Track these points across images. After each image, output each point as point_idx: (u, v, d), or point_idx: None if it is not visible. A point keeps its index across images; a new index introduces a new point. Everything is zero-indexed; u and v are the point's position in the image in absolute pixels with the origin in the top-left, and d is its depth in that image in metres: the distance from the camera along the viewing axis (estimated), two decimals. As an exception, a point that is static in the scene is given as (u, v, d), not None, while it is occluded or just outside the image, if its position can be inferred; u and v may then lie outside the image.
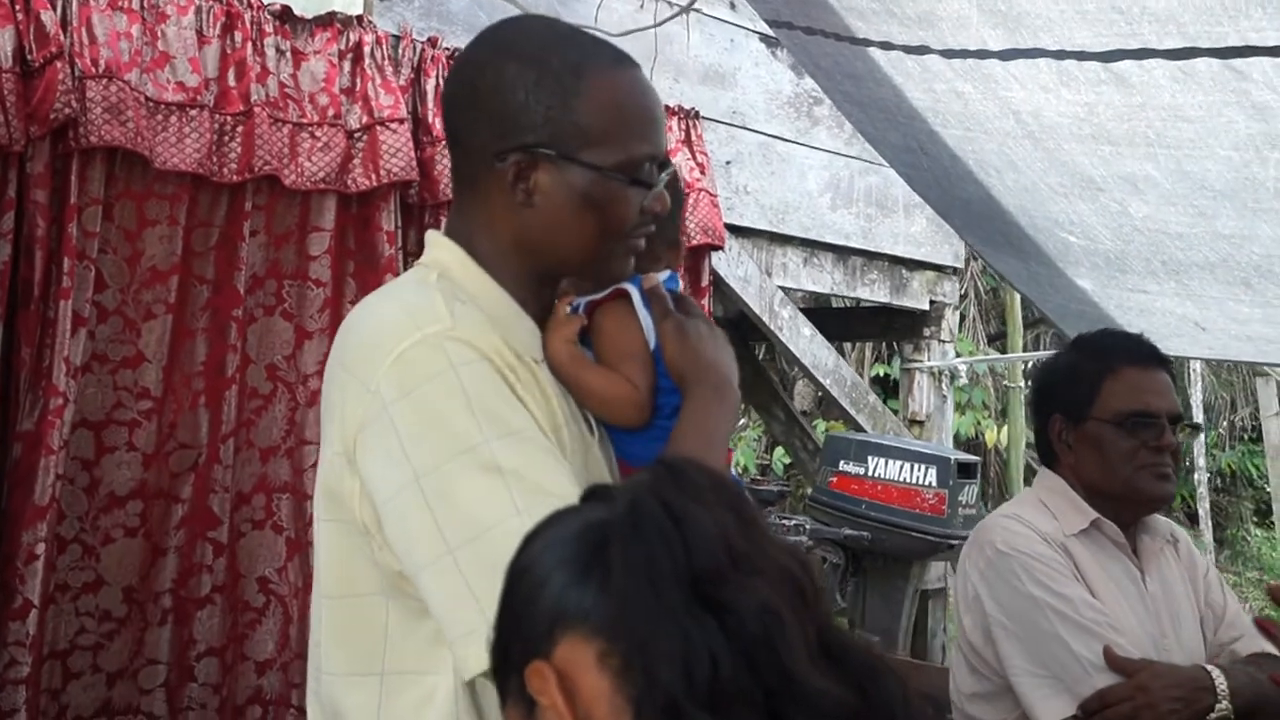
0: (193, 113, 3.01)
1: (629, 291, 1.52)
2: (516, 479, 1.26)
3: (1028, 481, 10.80)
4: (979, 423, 10.38)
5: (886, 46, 2.95)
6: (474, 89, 1.47)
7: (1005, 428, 9.39)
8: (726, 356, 1.51)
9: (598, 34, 1.54)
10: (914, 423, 5.44)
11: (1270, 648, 2.11)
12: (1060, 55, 2.60)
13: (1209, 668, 2.02)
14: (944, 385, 5.50)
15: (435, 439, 1.29)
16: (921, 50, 2.86)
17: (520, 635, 0.91)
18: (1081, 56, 2.56)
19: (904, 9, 2.75)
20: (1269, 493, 11.49)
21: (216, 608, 3.18)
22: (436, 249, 1.51)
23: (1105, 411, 2.22)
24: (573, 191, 1.43)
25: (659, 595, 0.81)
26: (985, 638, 2.17)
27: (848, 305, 8.04)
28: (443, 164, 3.40)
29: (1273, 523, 11.85)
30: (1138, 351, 2.30)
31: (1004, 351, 12.31)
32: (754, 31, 4.70)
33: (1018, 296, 6.90)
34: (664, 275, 1.57)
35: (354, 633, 1.40)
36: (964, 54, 2.78)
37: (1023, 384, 8.23)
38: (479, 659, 1.21)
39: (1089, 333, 2.47)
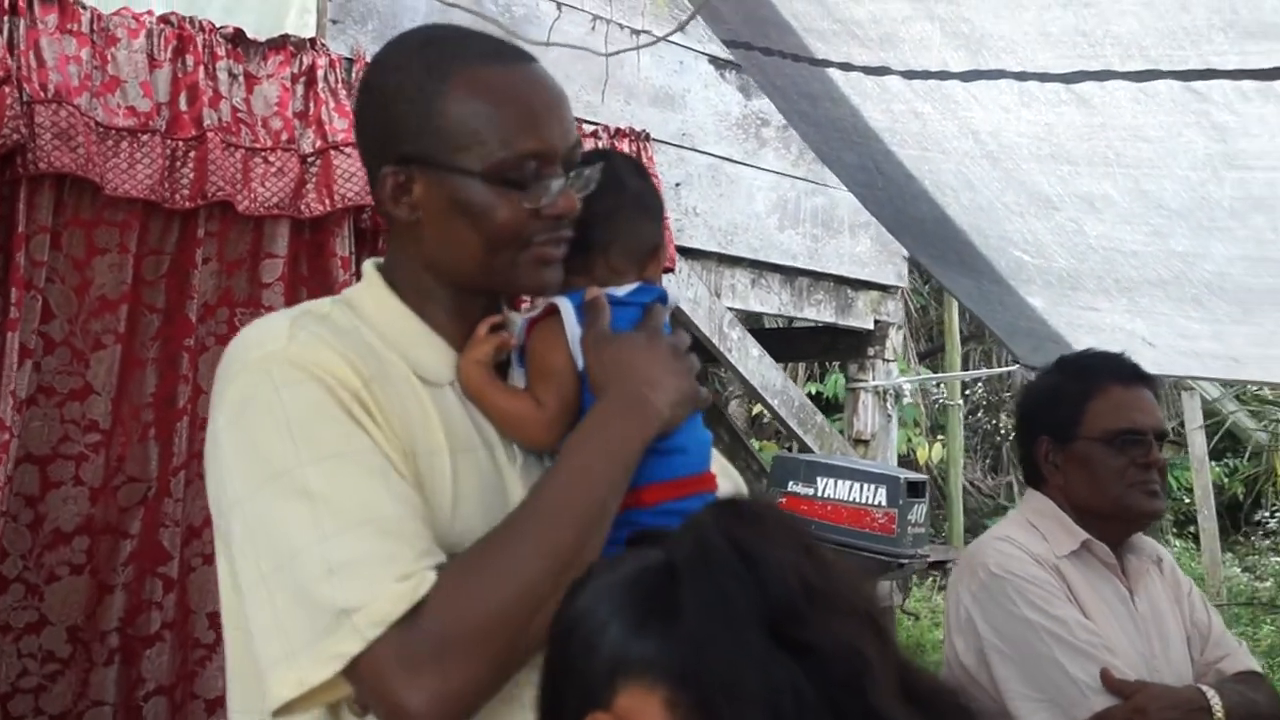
0: (144, 138, 2.94)
1: (558, 306, 1.43)
2: (326, 503, 1.21)
3: (967, 499, 10.94)
4: (910, 440, 10.47)
5: (846, 67, 2.97)
6: (359, 111, 1.45)
7: (939, 445, 9.49)
8: (656, 372, 1.39)
9: (493, 34, 1.45)
10: (859, 442, 5.46)
11: (1255, 665, 2.14)
12: (1022, 76, 2.62)
13: (1204, 688, 2.03)
14: (888, 404, 5.54)
15: (252, 463, 1.26)
16: (882, 71, 2.88)
17: (576, 687, 0.88)
18: (1044, 78, 2.59)
19: (866, 30, 2.76)
20: (1188, 504, 11.72)
21: (166, 645, 3.09)
22: (363, 275, 1.48)
23: (1093, 430, 2.24)
24: (448, 200, 1.36)
25: (738, 637, 0.78)
26: (979, 661, 2.16)
27: (781, 325, 8.07)
28: (397, 188, 3.35)
29: (1191, 533, 12.05)
30: (1122, 370, 2.33)
31: (935, 369, 12.45)
32: (703, 54, 4.71)
33: (955, 315, 6.96)
34: (628, 288, 1.47)
35: (244, 668, 1.35)
36: (925, 75, 2.80)
37: (960, 401, 8.31)
38: (279, 690, 1.18)
39: (1071, 354, 2.49)
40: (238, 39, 3.17)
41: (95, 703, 2.99)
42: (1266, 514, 14.18)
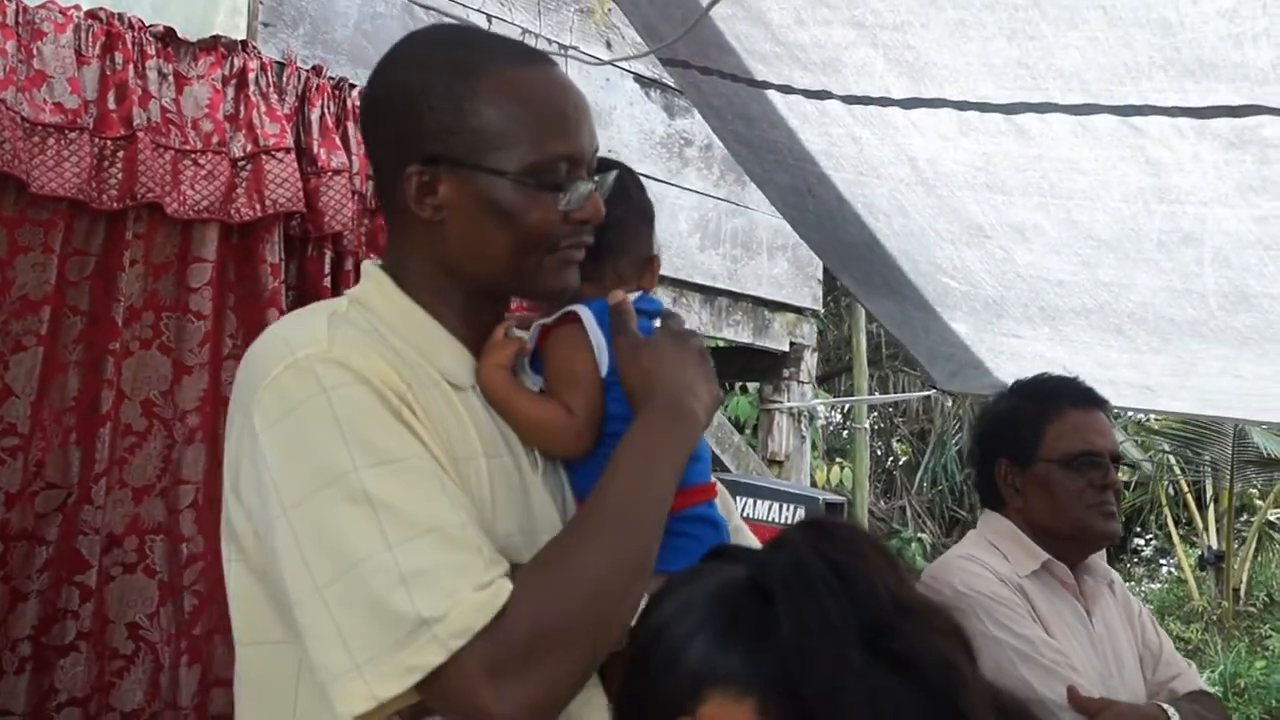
0: (72, 135, 2.85)
1: (578, 314, 1.44)
2: (387, 510, 1.19)
3: (871, 522, 11.06)
4: (810, 462, 10.58)
5: (787, 90, 2.99)
6: (375, 108, 1.42)
7: (837, 468, 9.59)
8: (690, 377, 1.41)
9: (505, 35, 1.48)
10: (773, 463, 5.50)
11: (1205, 685, 2.20)
12: (963, 106, 2.67)
13: (1165, 706, 2.08)
14: (803, 426, 5.59)
15: (303, 469, 1.22)
16: (822, 95, 2.91)
17: (660, 694, 0.92)
18: (984, 108, 2.64)
19: (809, 55, 2.79)
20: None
21: (81, 655, 2.99)
22: (365, 278, 1.45)
23: (1052, 453, 2.29)
24: (479, 201, 1.35)
25: (838, 649, 0.81)
26: (942, 679, 2.18)
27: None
28: (328, 196, 3.30)
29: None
30: (1078, 393, 2.38)
31: (831, 393, 12.61)
32: (629, 71, 4.72)
33: (863, 340, 7.06)
34: (634, 295, 1.49)
35: (265, 682, 1.32)
36: (865, 100, 2.84)
37: (867, 424, 8.42)
38: (347, 705, 1.16)
39: (1026, 378, 2.54)
40: (168, 38, 3.10)
41: (4, 712, 2.88)
42: (1142, 542, 14.62)
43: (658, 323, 1.51)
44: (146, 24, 3.06)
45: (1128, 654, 2.30)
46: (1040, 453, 2.31)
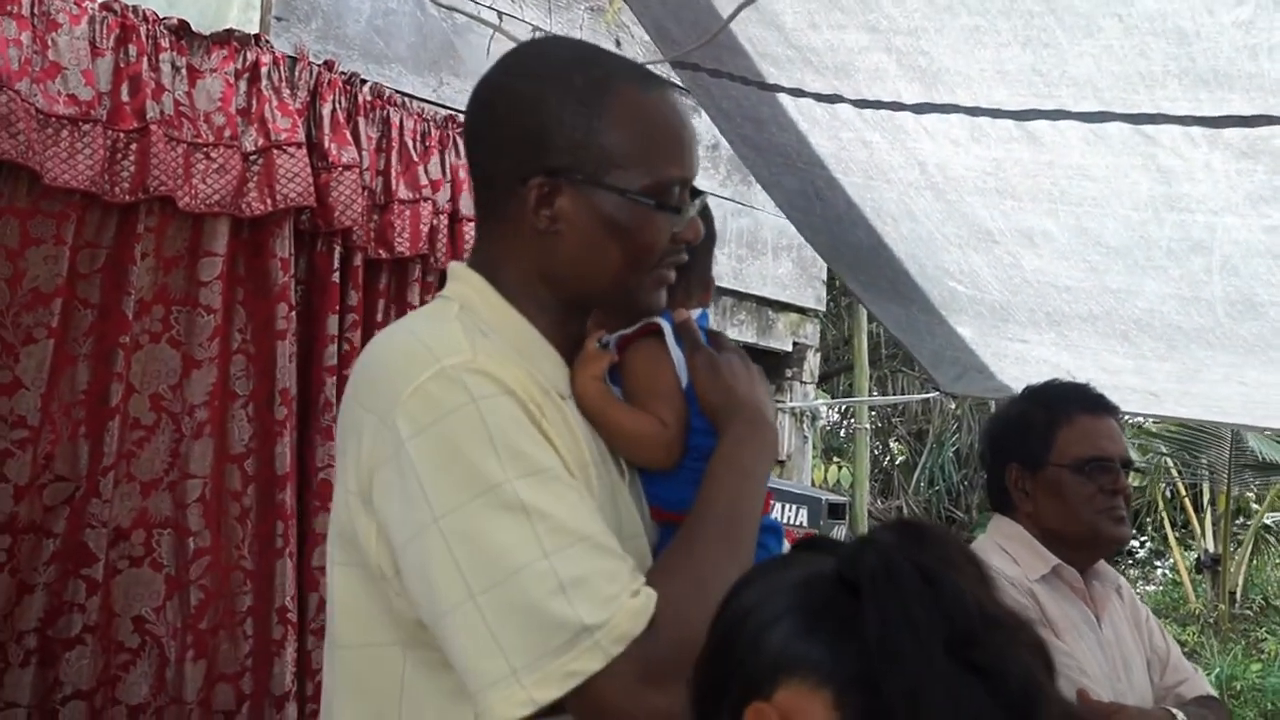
0: (85, 128, 2.86)
1: (661, 327, 1.47)
2: (543, 519, 1.21)
3: (869, 522, 11.07)
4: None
5: (798, 93, 2.99)
6: (493, 114, 1.43)
7: (835, 468, 9.61)
8: (761, 393, 1.47)
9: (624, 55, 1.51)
10: (776, 463, 5.51)
11: (1212, 690, 2.21)
12: (975, 112, 2.67)
13: (1173, 711, 2.09)
14: (805, 426, 5.60)
15: (455, 477, 1.23)
16: (834, 99, 2.91)
17: (739, 676, 0.92)
18: (996, 114, 2.64)
19: (821, 58, 2.79)
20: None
21: (87, 649, 2.99)
22: (458, 281, 1.46)
23: (1063, 458, 2.30)
24: (598, 216, 1.38)
25: (924, 651, 0.82)
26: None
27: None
28: (338, 191, 3.31)
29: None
30: (1089, 399, 2.39)
31: (830, 394, 12.61)
32: (636, 71, 4.72)
33: (864, 341, 7.08)
34: (695, 313, 1.53)
35: (368, 685, 1.33)
36: (877, 105, 2.84)
37: (868, 425, 8.43)
38: (504, 710, 1.17)
39: (1037, 384, 2.55)
40: (181, 31, 3.10)
41: (9, 704, 2.89)
42: (1137, 544, 14.63)
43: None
44: (160, 17, 3.06)
45: (1135, 658, 2.32)
46: (1051, 457, 2.32)
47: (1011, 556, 2.31)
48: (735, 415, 1.42)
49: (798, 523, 4.64)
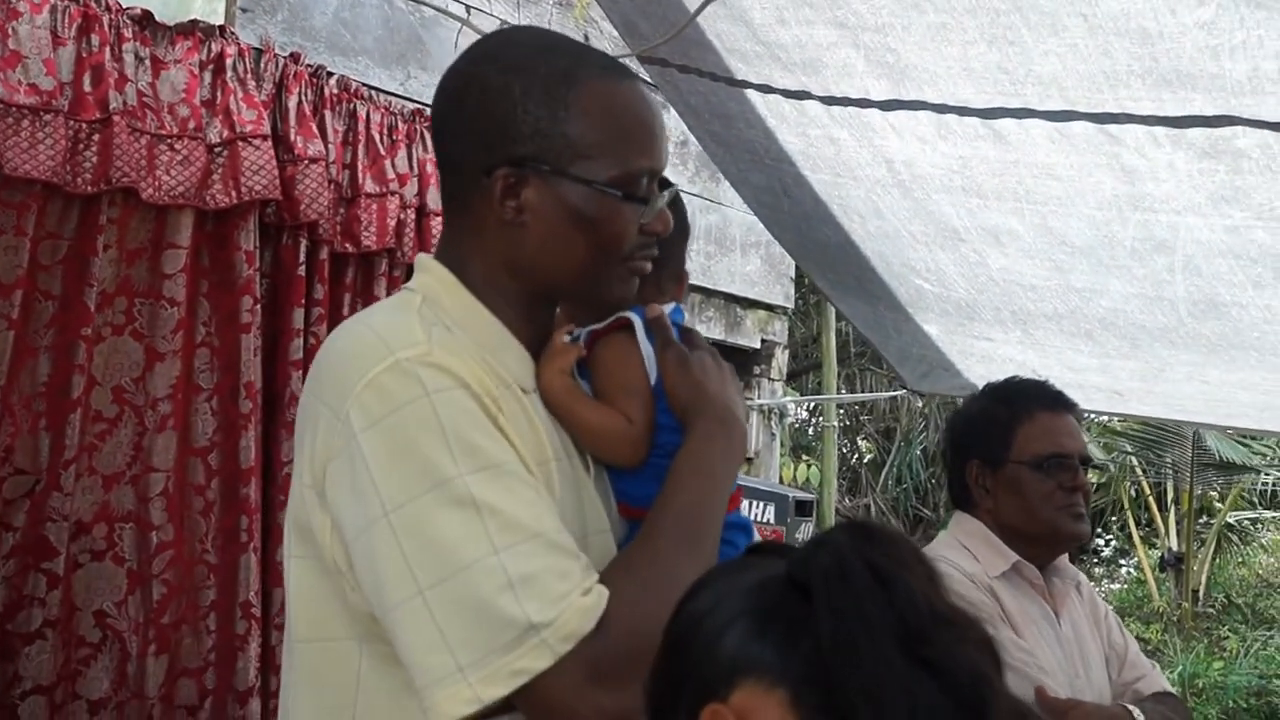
0: (46, 117, 2.82)
1: (632, 321, 1.45)
2: (494, 515, 1.20)
3: (836, 520, 11.11)
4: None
5: (765, 90, 2.99)
6: (459, 103, 1.41)
7: (804, 466, 9.63)
8: (732, 391, 1.46)
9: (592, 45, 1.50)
10: (744, 461, 5.52)
11: (1169, 686, 2.22)
12: (942, 109, 2.68)
13: (1130, 708, 2.11)
14: (773, 424, 5.61)
15: (406, 471, 1.22)
16: (802, 95, 2.91)
17: (694, 679, 0.94)
18: (963, 112, 2.65)
19: (790, 54, 2.79)
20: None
21: (47, 643, 2.96)
22: (424, 273, 1.44)
23: (1023, 455, 2.31)
24: (564, 207, 1.36)
25: (878, 649, 0.83)
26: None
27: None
28: (304, 184, 3.29)
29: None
30: (1048, 396, 2.40)
31: (799, 391, 12.64)
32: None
33: (833, 339, 7.09)
34: (668, 308, 1.51)
35: (325, 679, 1.31)
36: (845, 101, 2.84)
37: (836, 423, 8.45)
38: (450, 707, 1.16)
39: (997, 381, 2.56)
40: (145, 21, 3.07)
41: (-32, 699, 2.87)
42: (1101, 542, 14.74)
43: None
44: (124, 7, 3.03)
45: (1094, 655, 2.33)
46: (1011, 454, 2.33)
47: (971, 553, 2.32)
48: (703, 413, 1.40)
49: (765, 519, 4.64)
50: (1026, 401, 2.39)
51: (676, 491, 1.34)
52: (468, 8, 3.91)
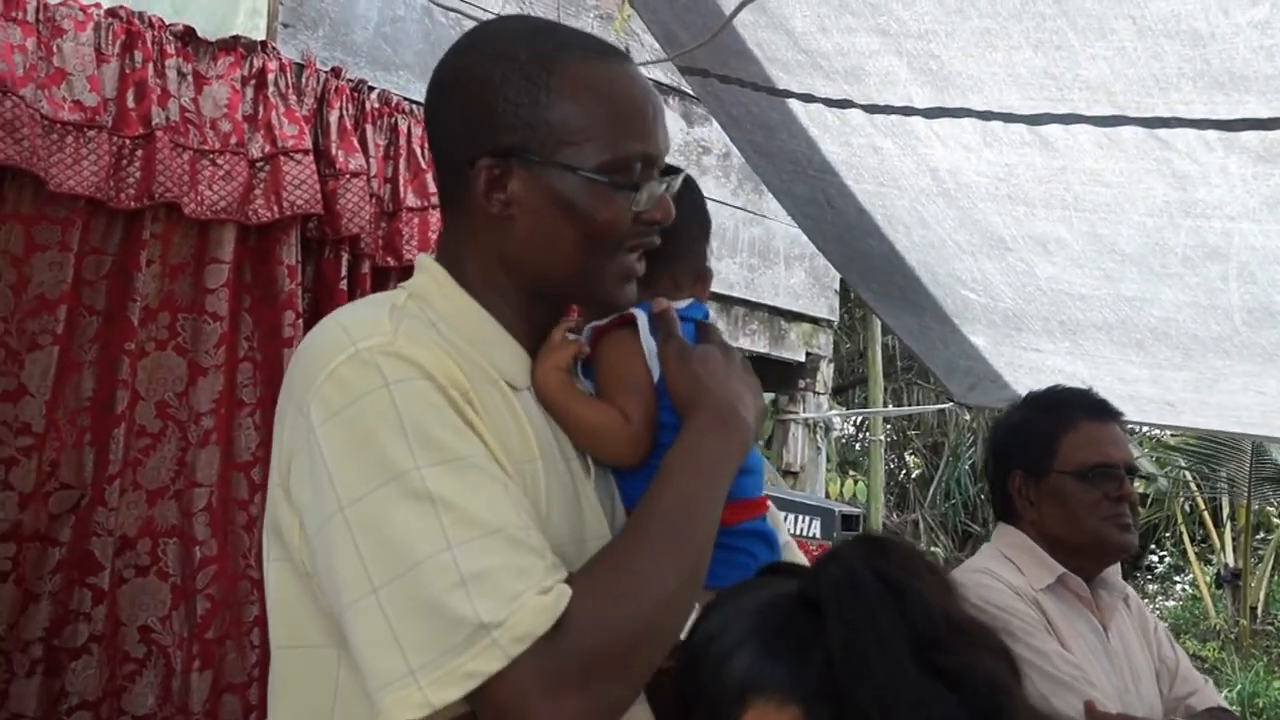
0: (90, 134, 2.85)
1: (635, 317, 1.40)
2: (450, 510, 1.13)
3: (886, 534, 11.02)
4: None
5: (808, 99, 2.96)
6: (443, 96, 1.37)
7: (850, 481, 9.56)
8: (739, 386, 1.37)
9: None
10: (788, 474, 5.47)
11: (1223, 702, 2.16)
12: (987, 116, 2.64)
13: None
14: (818, 437, 5.56)
15: (362, 464, 1.16)
16: (844, 104, 2.88)
17: (705, 702, 0.94)
18: (1008, 118, 2.60)
19: (831, 63, 2.76)
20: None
21: (93, 658, 2.98)
22: (420, 271, 1.40)
23: (1067, 464, 2.26)
24: (551, 197, 1.31)
25: (891, 659, 0.81)
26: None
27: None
28: (345, 198, 3.29)
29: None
30: (1092, 405, 2.35)
31: (845, 405, 12.56)
32: (647, 79, 4.70)
33: (879, 352, 7.03)
34: (684, 304, 1.46)
35: (303, 686, 1.27)
36: (888, 110, 2.81)
37: (882, 438, 8.38)
38: (399, 712, 1.10)
39: (1039, 390, 2.51)
40: (187, 37, 3.10)
41: (15, 715, 2.87)
42: (1156, 559, 14.53)
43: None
44: (166, 23, 3.05)
45: (1144, 669, 2.27)
46: (1055, 465, 2.28)
47: (1016, 565, 2.27)
48: (699, 407, 1.32)
49: (811, 534, 4.59)
50: (1070, 410, 2.34)
51: (662, 488, 1.26)
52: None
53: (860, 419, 11.29)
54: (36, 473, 2.90)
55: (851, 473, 10.76)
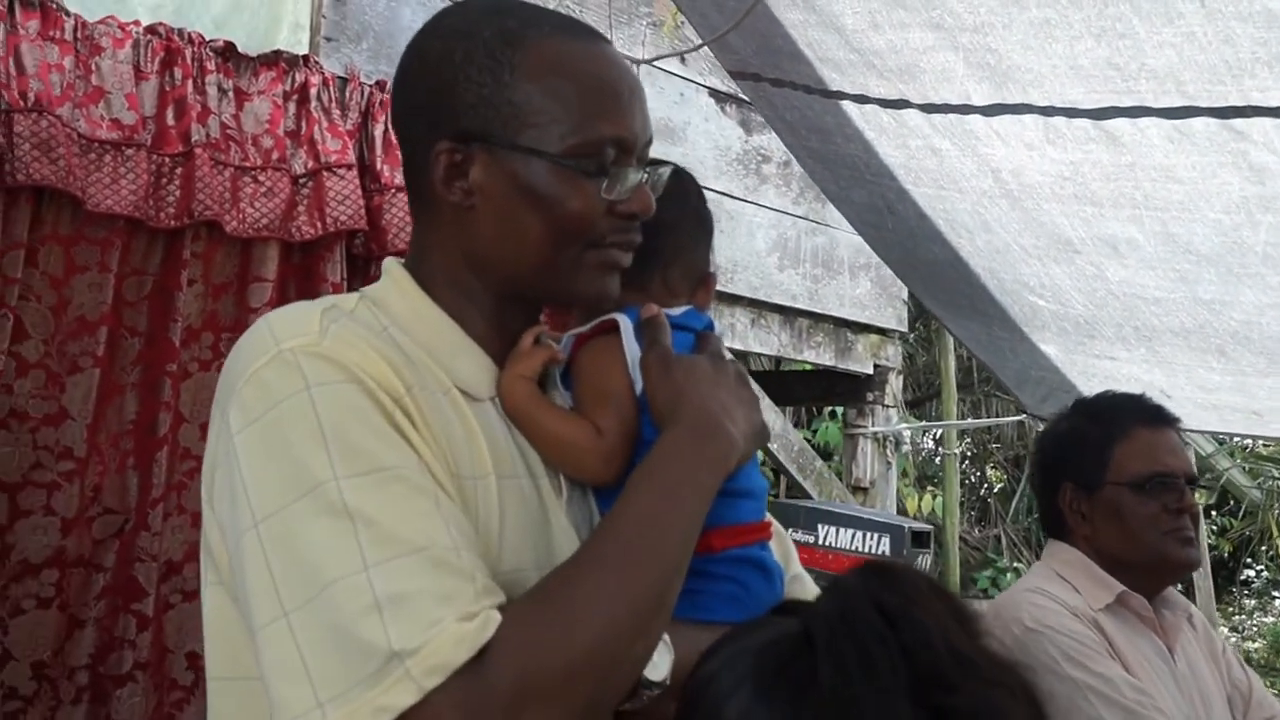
0: (129, 152, 2.81)
1: (618, 323, 1.29)
2: (369, 526, 1.03)
3: (964, 551, 10.81)
4: (900, 490, 10.33)
5: (862, 100, 2.87)
6: (405, 79, 1.28)
7: (929, 496, 9.36)
8: (727, 399, 1.25)
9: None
10: (857, 489, 5.34)
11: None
12: (1049, 112, 2.53)
13: None
14: (888, 452, 5.42)
15: (278, 475, 1.07)
16: (900, 104, 2.78)
17: None
18: (1071, 113, 2.49)
19: (885, 61, 2.67)
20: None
21: (139, 685, 2.93)
22: (384, 275, 1.31)
23: (1121, 475, 2.12)
24: (515, 184, 1.20)
25: (883, 697, 0.72)
26: (1014, 724, 2.01)
27: (769, 368, 7.96)
28: (391, 213, 3.23)
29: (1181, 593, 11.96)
30: (1146, 411, 2.21)
31: (922, 419, 12.35)
32: (704, 86, 4.62)
33: (951, 363, 6.86)
34: (679, 311, 1.35)
35: None
36: (945, 109, 2.71)
37: (957, 451, 8.20)
38: None
39: (1089, 397, 2.37)
40: (228, 53, 3.05)
41: (61, 744, 2.84)
42: (1252, 573, 14.11)
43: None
44: (206, 39, 3.01)
45: (1215, 693, 2.11)
46: (1108, 476, 2.13)
47: (1072, 584, 2.12)
48: (676, 420, 1.20)
49: (880, 551, 4.45)
50: (1122, 417, 2.19)
51: (623, 508, 1.14)
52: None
53: (938, 432, 11.08)
54: (79, 498, 2.85)
55: (930, 488, 10.56)
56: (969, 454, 14.00)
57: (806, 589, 1.44)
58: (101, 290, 2.84)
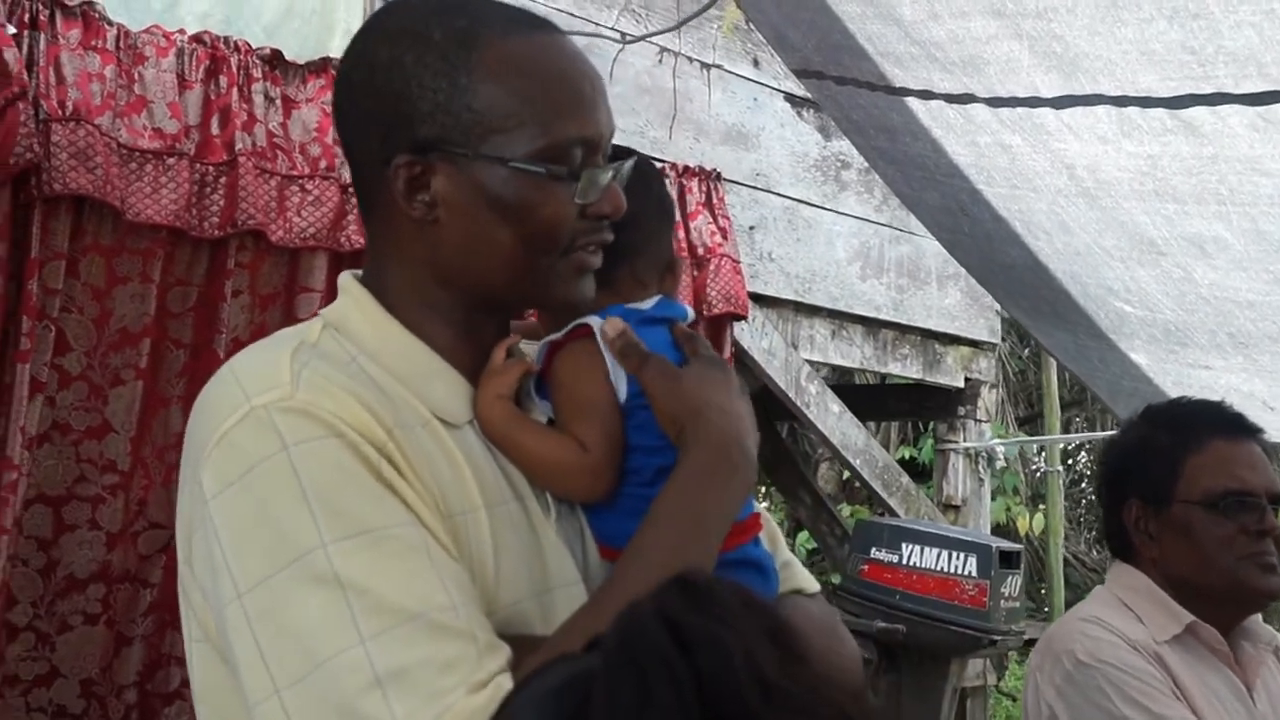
0: (170, 161, 2.78)
1: (592, 329, 1.20)
2: (362, 595, 0.98)
3: (1069, 572, 10.46)
4: (1010, 509, 10.00)
5: (926, 95, 2.73)
6: (350, 90, 1.19)
7: (1040, 515, 9.06)
8: (736, 407, 1.18)
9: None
10: (949, 507, 5.14)
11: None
12: (1122, 102, 2.37)
13: None
14: (981, 468, 5.21)
15: (259, 544, 1.01)
16: (965, 99, 2.64)
17: None
18: (1146, 103, 2.33)
19: (947, 53, 2.53)
20: None
21: (186, 703, 2.89)
22: (342, 294, 1.22)
23: (1193, 492, 1.92)
24: (481, 195, 1.13)
25: None
26: (1065, 765, 1.84)
27: (870, 382, 7.79)
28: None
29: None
30: (1224, 420, 2.01)
31: (1034, 435, 12.01)
32: (778, 90, 4.50)
33: (1054, 377, 6.62)
34: (650, 303, 1.27)
35: None
36: (1013, 102, 2.56)
37: (1060, 468, 7.91)
38: None
39: (1160, 403, 2.17)
40: (275, 61, 3.02)
41: (110, 762, 2.81)
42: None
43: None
44: (253, 48, 2.97)
45: (1302, 734, 1.91)
46: (1178, 492, 1.93)
47: (1135, 613, 1.93)
48: (699, 442, 1.13)
49: (966, 572, 4.26)
50: (1196, 427, 1.99)
51: (649, 541, 1.08)
52: (622, 34, 3.73)
53: (1043, 449, 10.75)
54: (124, 512, 2.84)
55: (1042, 505, 10.23)
56: (1087, 471, 13.61)
57: (796, 575, 1.36)
58: (144, 301, 2.82)
